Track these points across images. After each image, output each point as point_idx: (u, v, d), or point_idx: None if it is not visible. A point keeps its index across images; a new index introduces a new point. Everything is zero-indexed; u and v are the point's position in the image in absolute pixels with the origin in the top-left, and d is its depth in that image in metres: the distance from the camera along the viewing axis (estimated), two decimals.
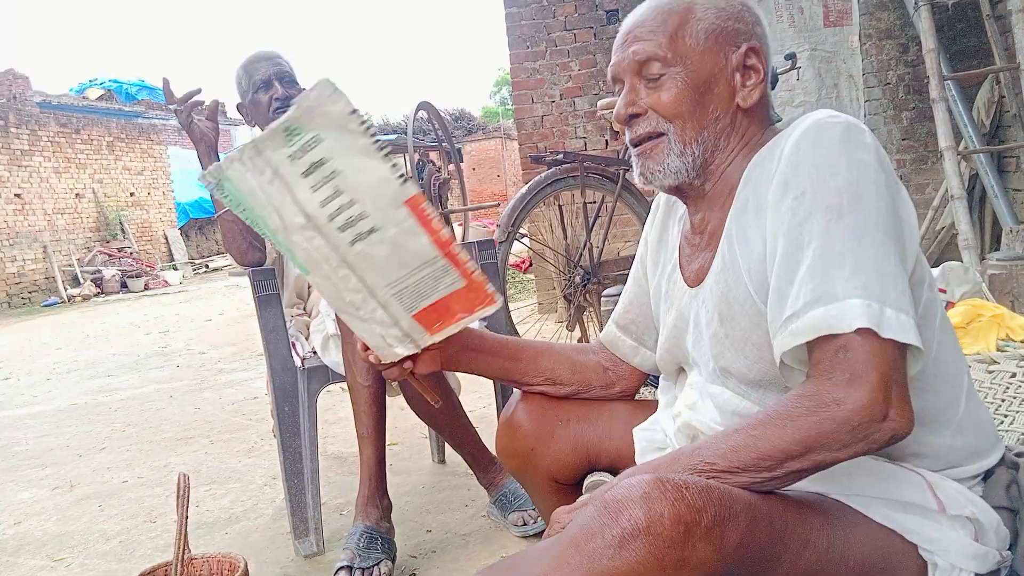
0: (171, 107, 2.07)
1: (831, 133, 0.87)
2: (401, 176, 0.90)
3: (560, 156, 3.41)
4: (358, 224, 0.93)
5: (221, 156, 2.21)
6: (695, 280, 1.05)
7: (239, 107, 2.29)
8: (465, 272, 0.99)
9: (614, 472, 1.21)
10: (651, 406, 1.24)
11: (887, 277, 0.81)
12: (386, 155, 0.90)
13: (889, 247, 0.83)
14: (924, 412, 0.90)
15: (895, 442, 0.80)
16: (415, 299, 1.01)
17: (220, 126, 2.20)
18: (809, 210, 0.85)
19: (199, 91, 2.10)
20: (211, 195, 0.99)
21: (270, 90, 2.17)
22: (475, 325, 1.19)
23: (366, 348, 1.15)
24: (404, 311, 1.03)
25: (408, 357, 1.14)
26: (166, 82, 2.12)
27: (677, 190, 1.05)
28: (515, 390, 1.30)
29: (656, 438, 1.14)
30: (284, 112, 2.31)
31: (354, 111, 0.88)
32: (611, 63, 1.04)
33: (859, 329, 0.78)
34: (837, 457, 0.80)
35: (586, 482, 1.20)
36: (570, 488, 1.26)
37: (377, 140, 0.89)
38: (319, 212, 0.92)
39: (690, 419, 1.04)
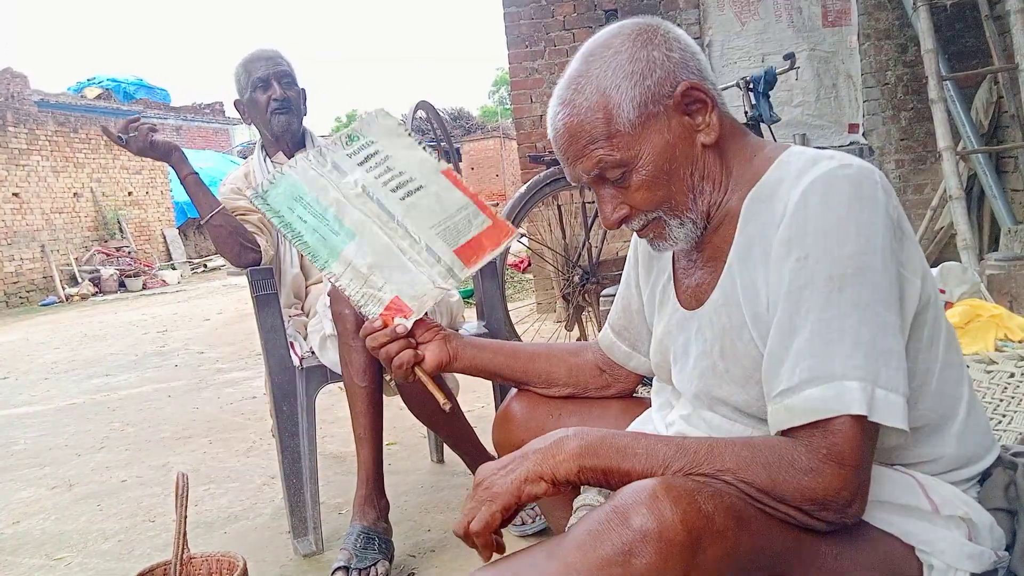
0: (121, 140, 1.96)
1: (841, 191, 0.83)
2: (438, 157, 1.29)
3: None
4: (407, 184, 1.28)
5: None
6: (691, 300, 1.02)
7: (236, 104, 2.28)
8: (490, 214, 1.30)
9: None
10: (643, 404, 1.24)
11: (882, 355, 0.80)
12: (424, 147, 1.32)
13: (889, 320, 0.81)
14: (925, 427, 0.91)
15: (841, 525, 0.82)
16: (456, 236, 1.26)
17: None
18: (811, 277, 0.82)
19: (137, 117, 2.07)
20: (251, 201, 1.38)
21: (268, 90, 2.16)
22: (474, 327, 1.25)
23: (385, 326, 1.20)
24: (447, 247, 1.25)
25: (416, 346, 1.21)
26: (104, 129, 2.08)
27: None
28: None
29: None
30: (282, 113, 2.31)
31: (401, 123, 1.31)
32: (566, 172, 1.00)
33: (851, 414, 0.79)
34: (788, 513, 0.81)
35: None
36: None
37: (419, 140, 1.32)
38: (374, 183, 1.27)
39: (684, 430, 1.03)
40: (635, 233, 1.08)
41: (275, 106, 2.16)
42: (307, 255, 1.23)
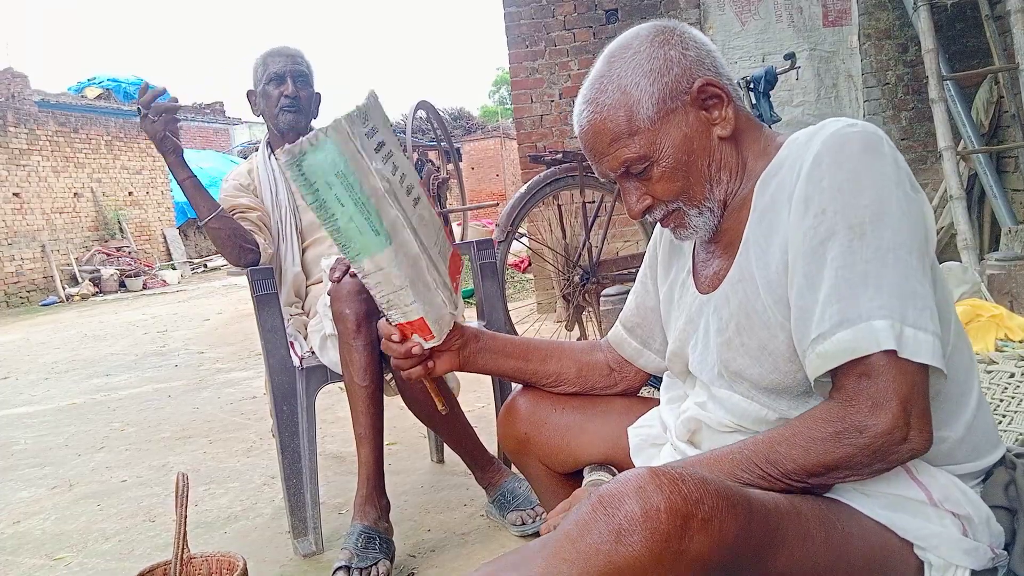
0: (139, 109, 1.89)
1: (851, 147, 0.87)
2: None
3: (559, 156, 3.41)
4: (413, 191, 1.12)
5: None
6: (708, 286, 1.05)
7: (249, 93, 2.27)
8: (450, 238, 1.20)
9: (612, 466, 1.22)
10: (647, 403, 1.26)
11: (908, 296, 0.82)
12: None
13: (912, 263, 0.84)
14: (936, 394, 0.91)
15: (913, 458, 0.84)
16: (443, 259, 1.17)
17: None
18: (831, 229, 0.85)
19: (163, 90, 1.96)
20: (285, 175, 1.26)
21: (282, 85, 2.16)
22: (475, 326, 1.24)
23: (403, 339, 1.15)
24: (444, 268, 1.16)
25: (429, 356, 1.20)
26: (144, 85, 1.93)
27: None
28: None
29: (652, 433, 1.16)
30: (290, 111, 2.30)
31: (388, 121, 1.11)
32: (594, 168, 1.06)
33: (883, 351, 0.81)
34: (858, 476, 0.85)
35: (586, 479, 1.21)
36: (564, 476, 1.29)
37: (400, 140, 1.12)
38: (392, 179, 1.07)
39: (697, 415, 1.05)
40: (657, 227, 1.12)
41: (285, 103, 2.16)
42: (336, 241, 1.08)
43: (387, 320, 1.16)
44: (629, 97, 0.98)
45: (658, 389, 1.24)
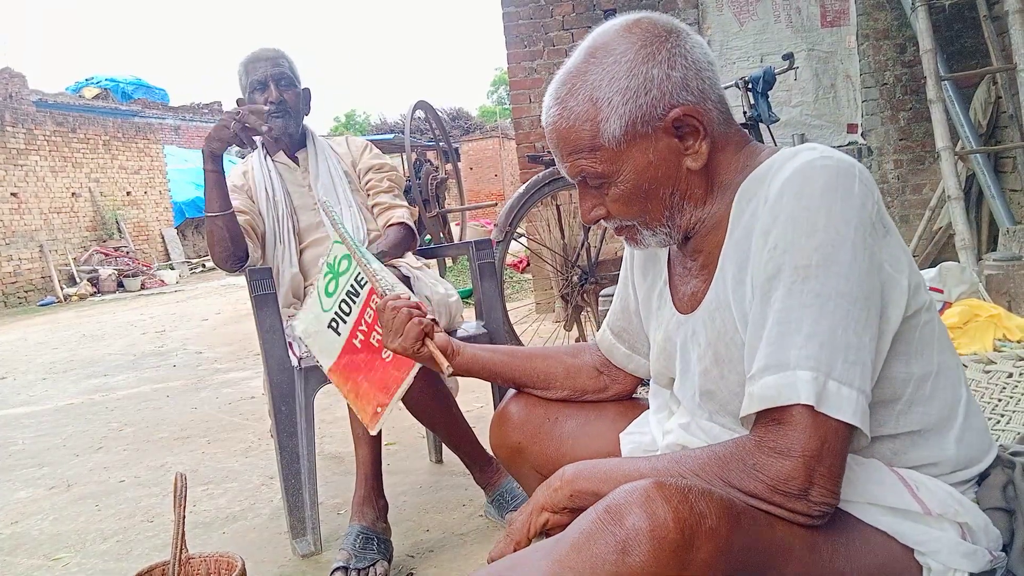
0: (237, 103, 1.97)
1: (816, 182, 0.83)
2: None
3: None
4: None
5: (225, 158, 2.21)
6: (687, 306, 1.03)
7: (239, 102, 2.28)
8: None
9: None
10: (640, 407, 1.23)
11: (840, 347, 0.80)
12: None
13: (853, 313, 0.81)
14: (922, 431, 0.91)
15: (817, 516, 0.82)
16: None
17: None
18: (779, 267, 0.83)
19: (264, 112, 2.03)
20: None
21: (265, 92, 2.16)
22: (473, 327, 1.23)
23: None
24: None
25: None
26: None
27: None
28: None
29: (644, 441, 1.14)
30: (278, 117, 2.28)
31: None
32: (557, 163, 1.02)
33: (801, 404, 0.80)
34: (758, 507, 0.82)
35: None
36: None
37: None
38: None
39: (682, 439, 1.03)
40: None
41: (271, 109, 2.15)
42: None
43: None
44: (598, 111, 0.93)
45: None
